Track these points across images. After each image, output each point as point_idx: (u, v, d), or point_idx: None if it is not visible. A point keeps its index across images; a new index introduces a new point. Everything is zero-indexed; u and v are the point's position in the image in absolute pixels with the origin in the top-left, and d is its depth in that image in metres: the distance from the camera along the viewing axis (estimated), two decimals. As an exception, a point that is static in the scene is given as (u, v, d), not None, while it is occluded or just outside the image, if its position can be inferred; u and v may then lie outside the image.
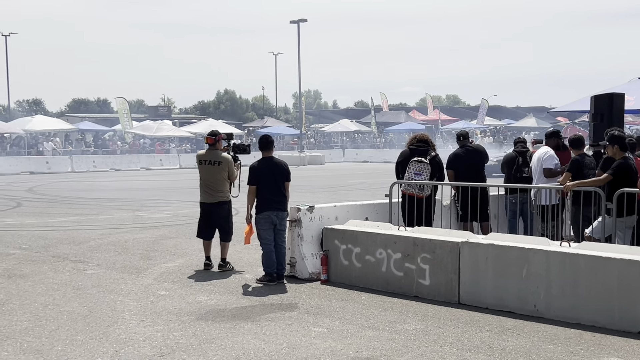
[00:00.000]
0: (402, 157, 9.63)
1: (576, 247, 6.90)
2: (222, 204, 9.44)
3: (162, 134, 46.07)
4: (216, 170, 9.36)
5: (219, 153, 9.46)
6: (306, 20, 48.75)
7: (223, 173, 9.38)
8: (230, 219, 9.58)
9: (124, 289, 8.24)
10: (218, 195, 9.41)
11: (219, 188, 9.40)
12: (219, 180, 9.37)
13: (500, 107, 74.35)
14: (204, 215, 9.53)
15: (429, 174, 9.28)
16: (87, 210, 17.19)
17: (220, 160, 9.39)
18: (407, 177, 9.31)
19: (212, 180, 9.38)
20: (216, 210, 9.42)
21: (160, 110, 63.22)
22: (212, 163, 9.38)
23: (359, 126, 63.03)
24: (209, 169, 9.39)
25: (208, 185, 9.40)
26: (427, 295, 7.68)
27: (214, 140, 9.47)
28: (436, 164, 9.44)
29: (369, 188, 23.38)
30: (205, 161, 9.43)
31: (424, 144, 9.59)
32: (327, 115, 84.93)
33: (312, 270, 8.74)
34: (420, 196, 9.16)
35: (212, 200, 9.40)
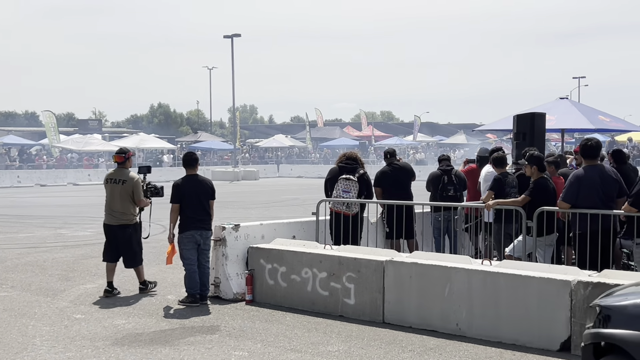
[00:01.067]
0: (330, 175, 9.59)
1: (497, 266, 6.95)
2: (125, 227, 8.78)
3: (90, 149, 44.90)
4: (121, 190, 8.75)
5: (126, 172, 8.90)
6: (240, 35, 48.51)
7: (127, 193, 8.75)
8: (135, 243, 8.87)
9: (37, 313, 7.86)
10: (121, 218, 8.77)
11: (122, 210, 8.76)
12: (122, 201, 8.75)
13: (432, 123, 75.76)
14: (107, 237, 8.95)
15: (357, 191, 9.26)
16: (6, 228, 16.50)
17: (125, 179, 8.79)
18: (336, 194, 9.27)
19: (114, 201, 8.78)
20: (120, 233, 8.79)
21: (91, 124, 61.80)
22: (117, 182, 8.81)
23: (294, 141, 63.07)
24: (113, 188, 8.81)
25: (111, 206, 8.81)
26: (352, 315, 7.60)
27: (124, 159, 8.92)
28: (364, 181, 9.44)
29: (302, 204, 23.29)
30: (110, 180, 8.89)
31: (353, 161, 9.58)
32: (262, 130, 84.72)
33: (236, 291, 8.55)
34: (347, 214, 9.12)
35: (114, 223, 8.80)
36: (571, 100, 15.34)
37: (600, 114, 13.30)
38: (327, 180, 9.60)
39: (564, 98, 14.00)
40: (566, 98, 14.29)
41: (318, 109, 70.31)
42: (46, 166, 42.71)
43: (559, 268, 6.76)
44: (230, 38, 48.32)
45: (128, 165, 9.00)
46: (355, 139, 63.51)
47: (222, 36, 49.43)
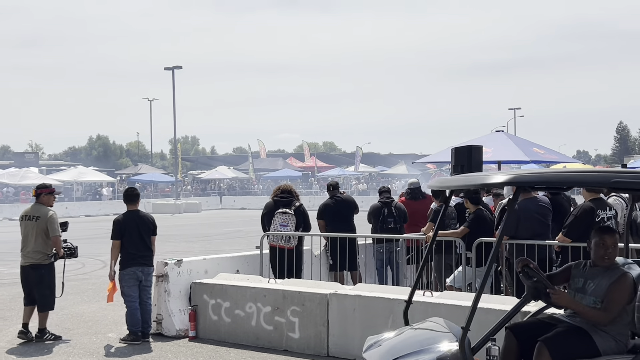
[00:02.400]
0: (266, 209, 9.66)
1: (438, 297, 7.09)
2: (36, 268, 8.18)
3: (27, 182, 43.68)
4: (32, 226, 8.19)
5: (41, 208, 8.32)
6: (181, 67, 48.36)
7: (42, 230, 8.17)
8: (47, 286, 8.26)
9: (-29, 355, 7.61)
10: (32, 257, 8.20)
11: (35, 248, 8.18)
12: (34, 239, 8.17)
13: (374, 154, 76.80)
14: (21, 278, 8.39)
15: (294, 224, 9.36)
16: (-63, 267, 15.88)
17: (38, 215, 8.22)
18: (273, 228, 9.32)
19: (26, 239, 8.21)
20: (30, 274, 8.22)
21: (27, 157, 60.35)
22: (30, 218, 8.25)
23: (237, 173, 62.88)
24: (26, 225, 8.24)
25: (23, 245, 8.25)
26: (297, 349, 7.61)
27: (36, 193, 8.40)
28: (301, 213, 9.53)
29: (245, 236, 23.19)
30: (25, 216, 8.31)
31: (288, 194, 9.67)
32: (204, 162, 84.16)
33: (179, 327, 8.45)
34: (285, 247, 9.19)
35: (25, 263, 8.23)
36: (506, 133, 15.86)
37: (535, 146, 13.77)
38: (264, 215, 9.67)
39: (500, 131, 14.48)
40: (502, 131, 14.78)
41: (260, 140, 70.40)
42: (-20, 201, 41.36)
43: (498, 298, 6.94)
44: (171, 70, 48.13)
45: (45, 201, 8.38)
46: (298, 170, 63.79)
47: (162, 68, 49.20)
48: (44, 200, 8.40)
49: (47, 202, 8.41)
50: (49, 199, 8.43)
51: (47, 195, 8.42)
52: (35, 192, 8.45)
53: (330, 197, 10.45)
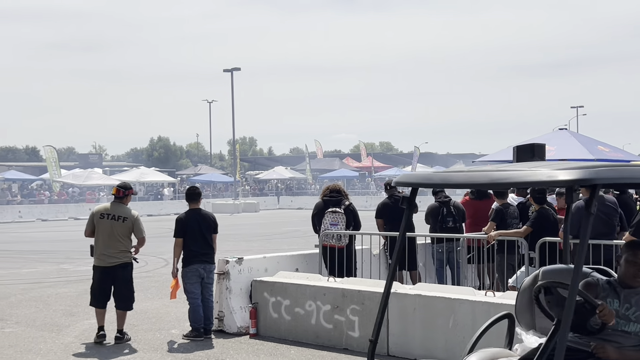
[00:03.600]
0: (316, 210, 9.70)
1: (500, 297, 6.98)
2: (125, 267, 8.26)
3: (91, 183, 45.06)
4: (120, 226, 8.20)
5: (125, 208, 8.36)
6: (240, 69, 49.00)
7: (127, 230, 8.25)
8: (132, 285, 8.40)
9: (42, 349, 7.88)
10: (120, 256, 8.21)
11: (122, 248, 8.22)
12: (122, 239, 8.22)
13: (431, 154, 76.13)
14: (100, 280, 8.27)
15: (344, 223, 9.38)
16: (9, 264, 16.51)
17: (126, 216, 8.28)
18: (324, 228, 9.35)
19: (114, 239, 8.19)
20: (118, 274, 8.20)
21: (91, 158, 62.11)
22: (117, 219, 8.25)
23: (294, 173, 63.26)
24: (112, 224, 8.20)
25: (108, 245, 8.18)
26: (357, 348, 7.61)
27: (123, 194, 8.40)
28: (350, 212, 9.56)
29: (303, 236, 23.32)
30: (108, 215, 8.26)
31: (337, 193, 9.70)
32: (262, 162, 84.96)
33: (240, 324, 8.57)
34: (340, 246, 9.21)
35: (112, 263, 8.18)
36: (570, 131, 15.52)
37: (600, 144, 13.44)
38: (314, 216, 9.71)
39: (563, 129, 14.15)
40: (565, 129, 14.45)
41: (317, 141, 70.72)
42: (47, 201, 42.78)
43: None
44: (230, 72, 48.79)
45: (126, 202, 8.44)
46: (354, 170, 63.76)
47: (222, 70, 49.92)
48: (127, 200, 8.44)
49: (128, 202, 8.48)
50: (129, 199, 8.51)
51: (130, 196, 8.50)
52: (122, 193, 8.38)
53: (388, 196, 10.42)
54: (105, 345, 8.00)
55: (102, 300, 8.26)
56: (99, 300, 8.26)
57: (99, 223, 8.25)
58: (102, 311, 8.27)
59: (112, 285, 8.24)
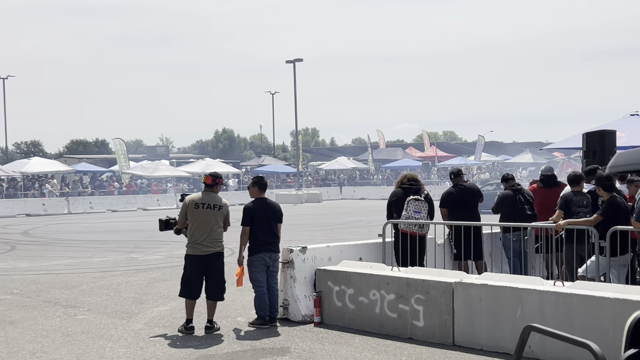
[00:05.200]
0: (395, 197, 9.60)
1: (570, 287, 6.82)
2: (220, 255, 8.32)
3: (159, 174, 46.05)
4: (215, 215, 8.24)
5: (217, 197, 8.40)
6: (302, 60, 49.23)
7: (221, 219, 8.32)
8: (224, 274, 8.43)
9: (114, 335, 8.12)
10: (216, 245, 8.27)
11: (218, 237, 8.31)
12: (218, 227, 8.27)
13: (496, 142, 74.74)
14: (194, 269, 8.25)
15: (427, 211, 9.32)
16: (81, 253, 17.08)
17: (221, 204, 8.33)
18: (407, 215, 9.25)
19: (211, 228, 8.22)
20: (214, 262, 8.25)
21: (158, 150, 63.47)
22: (212, 207, 8.26)
23: (356, 163, 63.19)
24: (207, 213, 8.21)
25: (205, 234, 8.18)
26: (422, 337, 7.57)
27: (213, 182, 8.42)
28: (430, 201, 9.50)
29: (366, 226, 23.31)
30: (203, 204, 8.27)
31: (415, 182, 9.63)
32: (324, 153, 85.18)
33: (305, 313, 8.63)
34: (421, 234, 9.17)
35: (209, 251, 8.20)
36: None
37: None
38: (392, 203, 9.61)
39: (635, 114, 13.66)
40: (637, 114, 13.94)
41: (380, 131, 70.48)
42: (117, 192, 43.99)
43: (634, 289, 6.59)
44: (292, 63, 49.05)
45: (217, 191, 8.48)
46: (417, 160, 63.23)
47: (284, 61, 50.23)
48: (217, 189, 8.49)
49: (218, 191, 8.51)
50: (219, 188, 8.55)
51: (220, 185, 8.54)
52: (213, 181, 8.40)
53: (453, 184, 10.28)
54: (173, 329, 8.19)
55: (195, 291, 8.24)
56: (192, 290, 8.22)
57: (193, 213, 8.22)
58: (192, 302, 8.24)
59: (205, 275, 8.27)
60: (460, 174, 10.44)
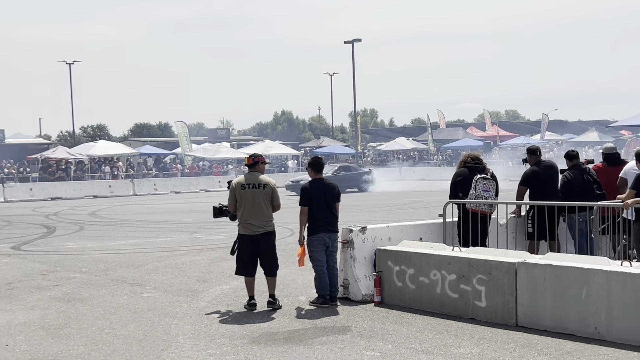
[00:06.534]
0: (462, 176, 9.33)
1: (638, 267, 6.62)
2: (270, 235, 8.44)
3: (220, 156, 46.76)
4: (261, 194, 8.34)
5: (261, 176, 8.47)
6: (360, 40, 48.95)
7: (268, 198, 8.39)
8: (276, 251, 8.61)
9: (179, 312, 8.32)
10: (265, 225, 8.40)
11: (266, 217, 8.41)
12: (265, 207, 8.38)
13: (561, 121, 72.91)
14: (247, 248, 8.42)
15: (494, 190, 9.18)
16: (146, 233, 17.52)
17: (266, 183, 8.43)
18: (475, 194, 9.09)
19: (258, 207, 8.34)
20: (265, 241, 8.40)
21: (219, 133, 64.25)
22: (257, 187, 8.37)
23: (416, 144, 62.67)
24: (253, 194, 8.33)
25: (254, 214, 8.33)
26: (484, 318, 7.49)
27: (253, 161, 8.52)
28: (496, 180, 9.40)
29: (426, 206, 23.12)
30: (248, 185, 8.36)
31: (480, 161, 9.46)
32: (383, 134, 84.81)
33: (365, 292, 8.65)
34: (490, 213, 9.07)
35: (259, 231, 8.36)
36: None
37: None
38: (458, 182, 9.35)
39: None
40: None
41: (440, 110, 69.65)
42: (180, 174, 44.87)
43: None
44: (350, 43, 48.80)
45: (261, 170, 8.57)
46: (479, 140, 62.26)
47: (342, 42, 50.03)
48: (261, 168, 8.52)
49: (262, 170, 8.58)
50: (263, 167, 8.59)
51: (262, 164, 8.57)
52: (253, 161, 8.50)
53: (534, 162, 9.89)
54: (236, 307, 8.34)
55: (251, 269, 8.44)
56: (248, 269, 8.44)
57: (241, 194, 8.35)
58: (251, 280, 8.44)
59: (258, 254, 8.43)
60: (538, 152, 10.12)
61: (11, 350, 6.82)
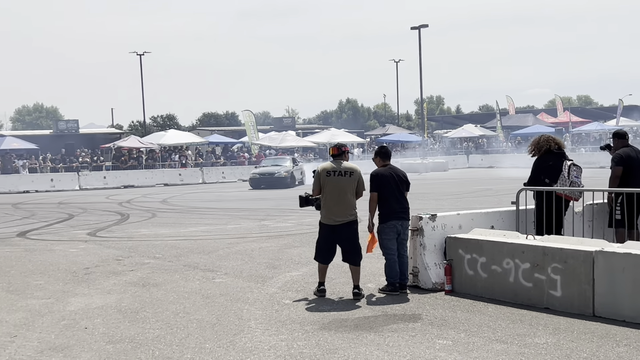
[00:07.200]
0: (550, 162, 8.94)
1: None
2: (354, 223, 8.33)
3: (286, 145, 47.12)
4: (348, 182, 8.23)
5: (347, 164, 8.38)
6: (427, 26, 48.31)
7: (353, 186, 8.28)
8: (358, 240, 8.47)
9: (250, 298, 8.43)
10: (351, 213, 8.27)
11: (351, 205, 8.28)
12: (351, 195, 8.27)
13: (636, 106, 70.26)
14: (327, 237, 8.35)
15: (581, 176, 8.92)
16: (216, 220, 17.82)
17: (352, 170, 8.31)
18: (570, 181, 8.79)
19: (343, 195, 8.22)
20: (347, 230, 8.28)
21: (285, 121, 64.73)
22: (344, 174, 8.26)
23: (484, 131, 61.52)
24: (339, 181, 8.22)
25: (338, 202, 8.22)
26: (559, 307, 7.31)
27: (339, 151, 8.45)
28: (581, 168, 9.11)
29: (496, 194, 22.71)
30: (334, 172, 8.25)
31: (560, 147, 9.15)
32: (449, 121, 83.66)
33: (435, 280, 8.57)
34: (575, 199, 8.85)
35: (341, 221, 8.23)
36: None
37: None
38: (546, 167, 8.90)
39: None
40: None
41: (509, 96, 68.10)
42: (247, 162, 45.44)
43: None
44: (417, 29, 48.25)
45: (345, 159, 8.45)
46: (550, 126, 60.58)
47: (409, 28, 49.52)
48: (346, 158, 8.46)
49: (346, 159, 8.50)
50: (348, 157, 8.51)
51: (347, 154, 8.51)
52: (338, 150, 8.40)
53: (624, 146, 9.51)
54: (305, 293, 8.39)
55: (327, 257, 8.43)
56: (324, 256, 8.42)
57: (326, 181, 8.23)
58: (324, 267, 8.45)
59: (337, 243, 8.39)
60: (626, 136, 9.73)
61: (90, 332, 7.05)
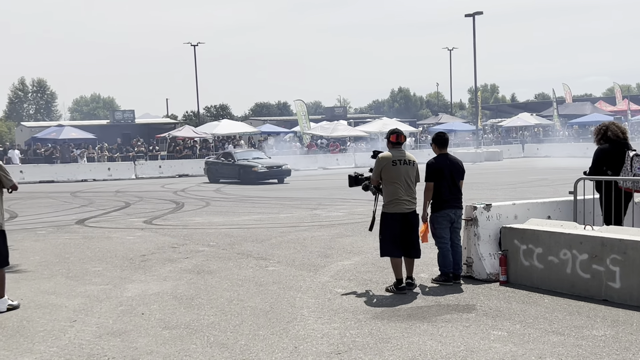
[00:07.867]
0: (613, 151, 8.60)
1: None
2: (416, 213, 8.15)
3: (338, 134, 47.10)
4: (412, 170, 8.08)
5: (408, 152, 8.30)
6: (482, 13, 47.52)
7: (415, 174, 8.15)
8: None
9: (302, 286, 8.48)
10: (414, 202, 8.12)
11: (414, 194, 8.12)
12: (414, 184, 8.13)
13: (700, 93, 67.81)
14: (399, 227, 8.02)
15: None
16: (268, 209, 17.96)
17: (413, 160, 8.16)
18: (632, 173, 8.51)
19: (410, 184, 8.05)
20: (412, 220, 8.08)
21: (336, 111, 64.71)
22: (408, 163, 8.06)
23: (540, 120, 60.30)
24: (407, 170, 8.02)
25: (407, 190, 8.01)
26: (618, 299, 7.13)
27: (396, 139, 8.18)
28: None
29: (552, 184, 22.27)
30: (399, 161, 8.02)
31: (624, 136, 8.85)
32: (504, 110, 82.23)
33: (490, 271, 8.46)
34: (636, 191, 8.57)
35: (410, 209, 8.04)
36: None
37: None
38: (609, 158, 8.58)
39: None
40: None
41: (566, 84, 66.57)
42: (299, 152, 45.60)
43: None
44: (471, 16, 47.52)
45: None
46: (608, 114, 59.00)
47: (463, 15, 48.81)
48: (405, 147, 8.31)
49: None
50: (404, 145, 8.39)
51: (404, 143, 8.38)
52: (397, 139, 8.18)
53: None
54: (359, 286, 8.39)
55: (400, 249, 8.07)
56: (400, 249, 8.07)
57: (392, 170, 8.01)
58: (400, 261, 8.08)
59: (404, 233, 8.08)
60: None
61: (147, 318, 7.20)
